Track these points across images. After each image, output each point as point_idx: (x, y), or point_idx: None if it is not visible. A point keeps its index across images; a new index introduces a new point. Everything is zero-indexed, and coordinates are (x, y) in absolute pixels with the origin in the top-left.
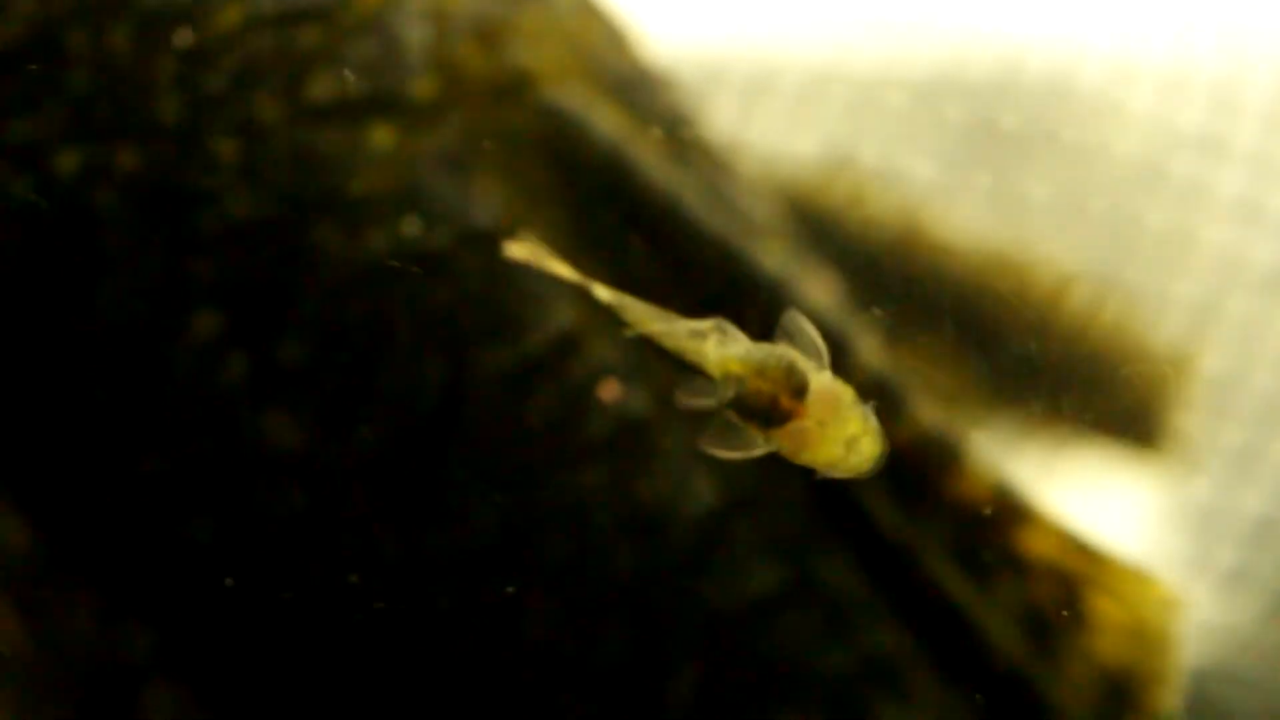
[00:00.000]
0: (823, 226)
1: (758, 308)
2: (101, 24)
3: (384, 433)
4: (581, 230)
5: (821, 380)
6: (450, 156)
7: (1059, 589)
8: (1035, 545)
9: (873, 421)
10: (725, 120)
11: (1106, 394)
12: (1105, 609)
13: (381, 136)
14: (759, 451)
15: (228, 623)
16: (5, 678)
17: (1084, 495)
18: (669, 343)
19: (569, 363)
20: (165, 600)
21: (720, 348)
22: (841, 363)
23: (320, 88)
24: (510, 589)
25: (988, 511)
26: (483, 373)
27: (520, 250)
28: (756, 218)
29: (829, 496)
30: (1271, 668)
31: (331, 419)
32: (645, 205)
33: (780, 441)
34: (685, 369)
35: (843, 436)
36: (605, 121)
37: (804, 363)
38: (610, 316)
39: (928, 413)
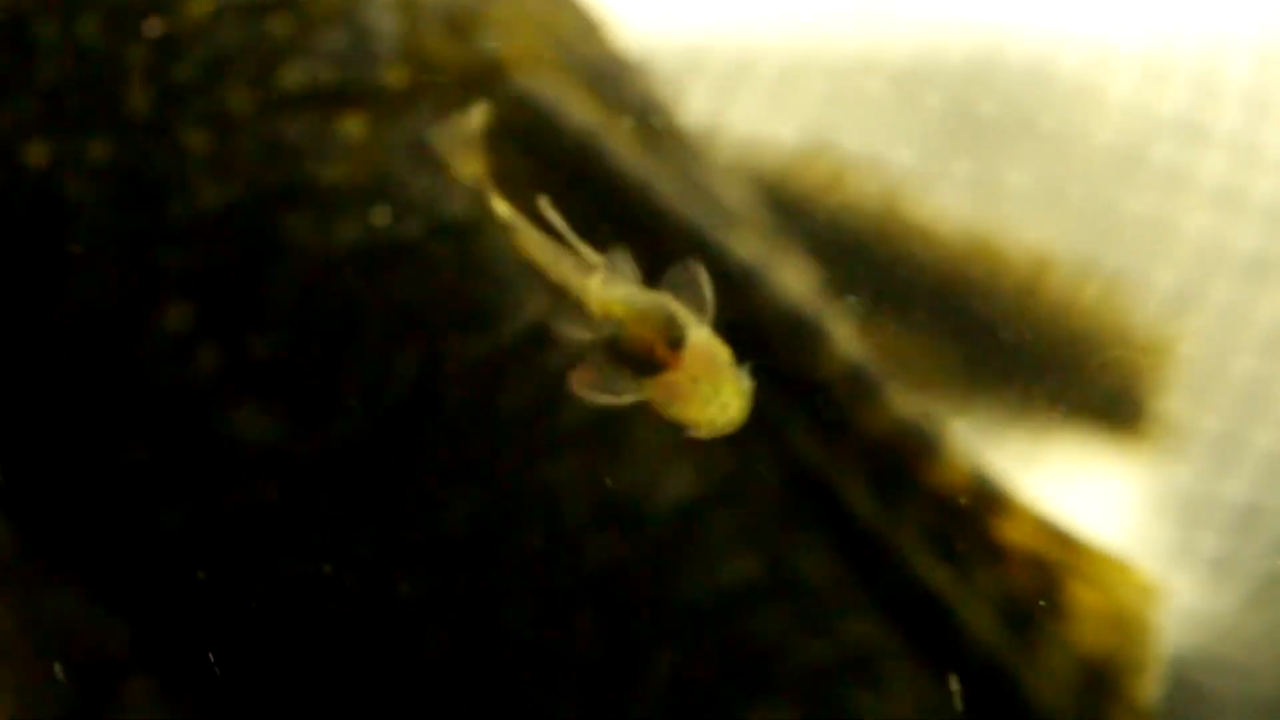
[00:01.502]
0: (799, 213)
1: (730, 295)
2: (71, 13)
3: (356, 424)
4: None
5: (700, 335)
6: (421, 146)
7: (1038, 577)
8: (1013, 533)
9: (745, 384)
10: (701, 107)
11: (1086, 380)
12: (1084, 597)
13: (352, 126)
14: (627, 399)
15: (201, 615)
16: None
17: (1063, 482)
18: (553, 274)
19: (542, 352)
20: (140, 593)
21: (604, 287)
22: (817, 350)
23: (290, 77)
24: (484, 579)
25: (965, 500)
26: (455, 363)
27: (442, 138)
28: (731, 205)
29: (805, 486)
30: (1254, 655)
31: (303, 410)
32: (617, 193)
33: (651, 392)
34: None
35: (715, 395)
36: (577, 110)
37: (686, 315)
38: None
39: (904, 401)
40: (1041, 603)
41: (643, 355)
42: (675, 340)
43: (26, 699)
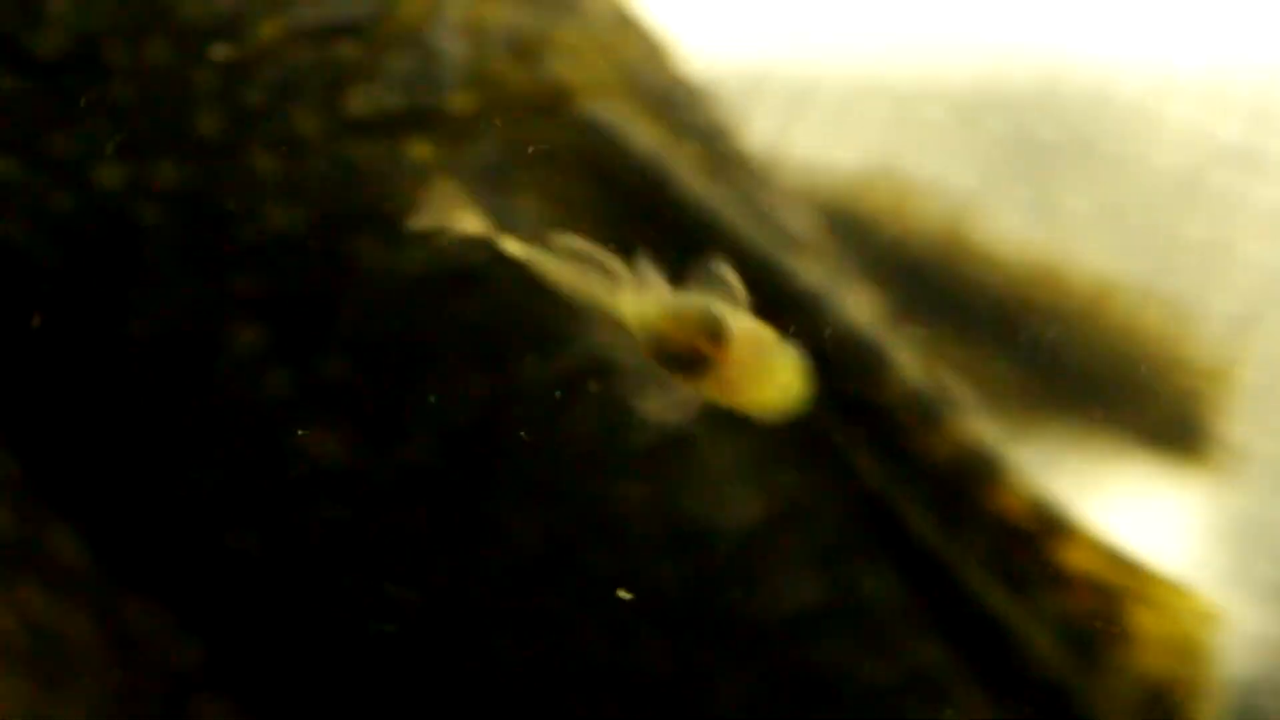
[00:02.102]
0: (862, 239)
1: (798, 321)
2: (141, 37)
3: (426, 447)
4: (622, 242)
5: (741, 323)
6: (488, 171)
7: (1099, 602)
8: (1075, 558)
9: (798, 359)
10: (764, 133)
11: (1147, 405)
12: (1145, 622)
13: (420, 151)
14: (694, 407)
15: (274, 635)
16: (79, 677)
17: (1124, 507)
18: (582, 296)
19: (609, 375)
20: (214, 611)
21: (635, 299)
22: (881, 375)
23: (359, 102)
24: (553, 601)
25: (1027, 525)
26: (524, 386)
27: (430, 205)
28: (795, 230)
29: (869, 510)
30: None
31: (373, 432)
32: (683, 219)
33: (707, 389)
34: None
35: (770, 378)
36: (643, 135)
37: (721, 307)
38: None
39: (968, 426)
40: (1104, 627)
41: (689, 355)
42: (717, 334)
43: (100, 711)
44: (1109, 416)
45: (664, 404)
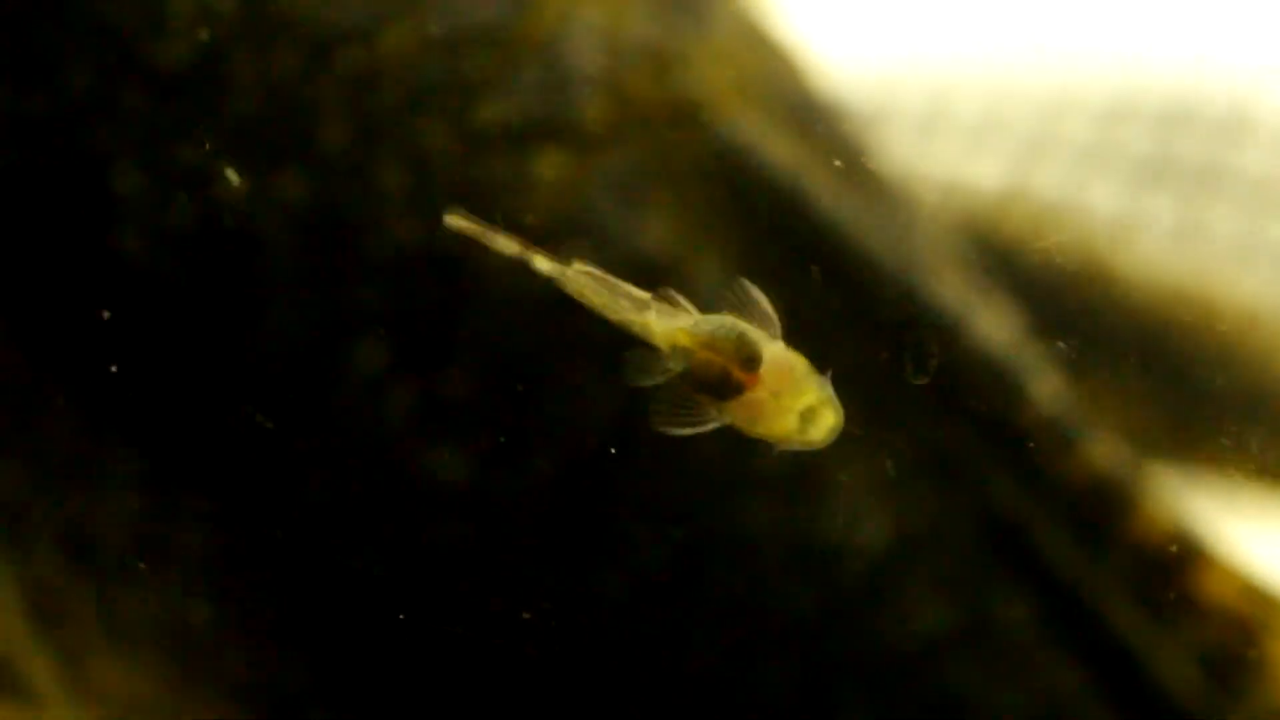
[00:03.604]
0: (1001, 258)
1: (936, 341)
2: (265, 46)
3: (552, 465)
4: (754, 262)
5: (774, 350)
6: (620, 185)
7: (1236, 633)
8: (1214, 587)
9: (828, 391)
10: (900, 150)
11: None
12: None
13: (550, 164)
14: (712, 426)
15: (394, 656)
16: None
17: (1264, 537)
18: (613, 316)
19: None
20: (330, 630)
21: (666, 319)
22: (1020, 396)
23: (490, 113)
24: (677, 623)
25: (1166, 553)
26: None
27: (457, 222)
28: (933, 249)
29: (1004, 534)
30: None
31: (498, 451)
32: (820, 237)
33: (734, 414)
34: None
35: (798, 407)
36: (779, 151)
37: (754, 333)
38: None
39: (1106, 450)
40: (1242, 659)
41: (718, 380)
42: (748, 359)
43: (220, 709)
44: (1256, 441)
45: (683, 419)
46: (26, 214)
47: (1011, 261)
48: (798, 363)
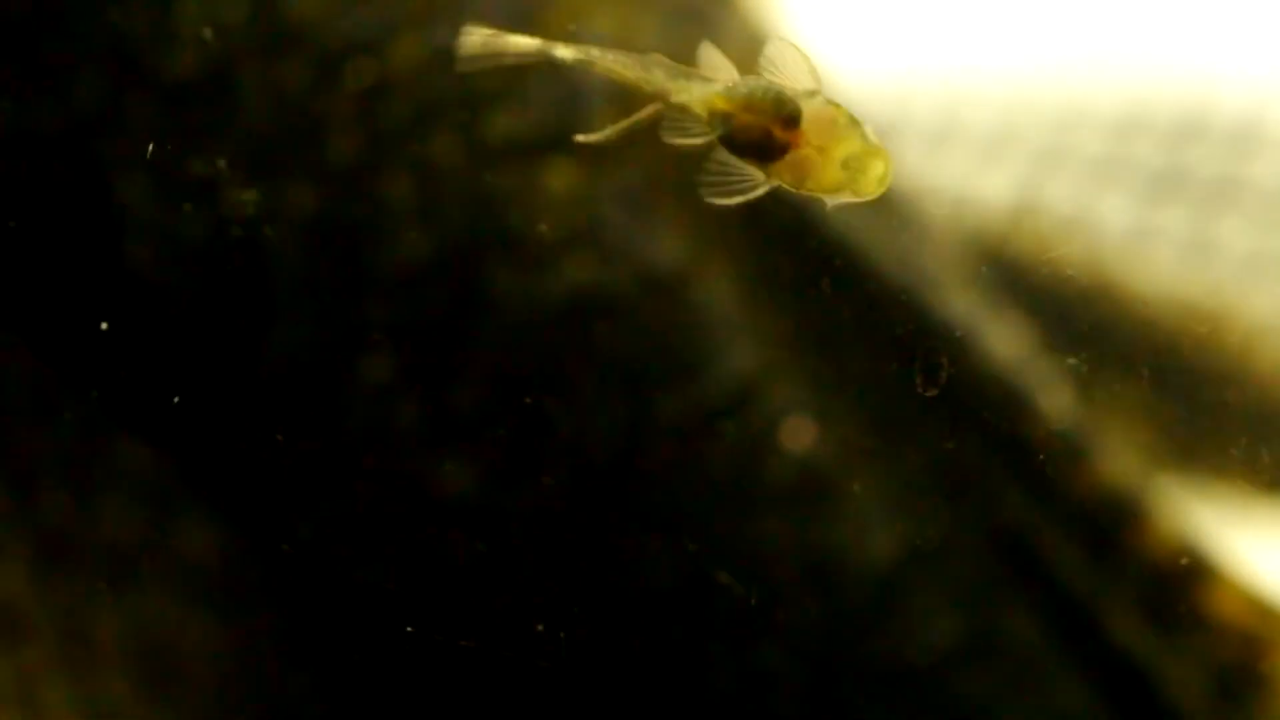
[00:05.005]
0: (1012, 271)
1: (947, 353)
2: (275, 57)
3: (563, 479)
4: (764, 273)
5: (814, 104)
6: (630, 197)
7: (1245, 648)
8: (1223, 603)
9: (875, 139)
10: (911, 163)
11: None
12: None
13: (560, 175)
14: (760, 190)
15: (405, 669)
16: (188, 686)
17: (1277, 551)
18: (648, 88)
19: (749, 409)
20: (339, 643)
21: (703, 86)
22: (1030, 411)
23: (499, 126)
24: (689, 636)
25: (1175, 567)
26: (662, 418)
27: (474, 40)
28: (945, 262)
29: (1013, 547)
30: None
31: (510, 465)
32: (830, 249)
33: (780, 175)
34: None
35: (844, 158)
36: None
37: (793, 90)
38: (792, 360)
39: (1116, 464)
40: (1251, 675)
41: (761, 141)
42: (789, 117)
43: None
44: (1260, 459)
45: (730, 187)
46: (35, 225)
47: (1022, 274)
48: (840, 114)
